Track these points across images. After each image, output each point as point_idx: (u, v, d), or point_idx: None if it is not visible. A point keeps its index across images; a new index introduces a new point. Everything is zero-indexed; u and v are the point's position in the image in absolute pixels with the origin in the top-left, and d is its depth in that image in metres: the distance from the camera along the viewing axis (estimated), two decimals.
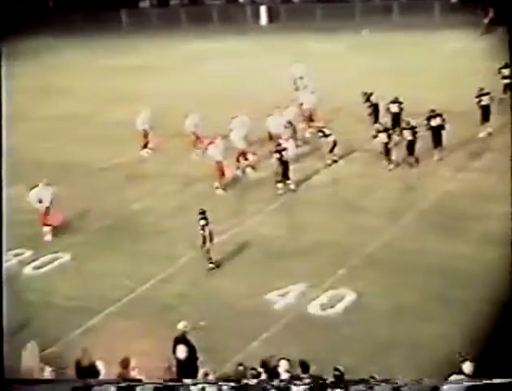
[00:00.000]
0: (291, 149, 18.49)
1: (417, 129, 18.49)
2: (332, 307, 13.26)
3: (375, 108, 20.85)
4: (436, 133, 18.87)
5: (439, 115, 18.85)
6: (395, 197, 17.53)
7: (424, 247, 14.87)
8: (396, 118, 20.31)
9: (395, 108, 20.41)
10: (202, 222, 14.49)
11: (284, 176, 17.87)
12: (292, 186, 18.01)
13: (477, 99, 19.86)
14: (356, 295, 13.46)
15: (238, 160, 19.23)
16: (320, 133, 19.22)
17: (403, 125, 18.95)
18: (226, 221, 16.46)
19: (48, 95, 28.75)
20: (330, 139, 19.04)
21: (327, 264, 14.56)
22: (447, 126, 18.76)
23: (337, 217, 16.63)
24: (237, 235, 16.06)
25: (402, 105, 20.31)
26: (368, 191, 17.79)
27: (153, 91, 26.71)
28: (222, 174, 18.37)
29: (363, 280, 13.88)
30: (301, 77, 23.77)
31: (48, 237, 16.62)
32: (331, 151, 19.14)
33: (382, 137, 18.78)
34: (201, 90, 26.15)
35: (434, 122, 18.82)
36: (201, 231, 14.44)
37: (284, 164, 17.90)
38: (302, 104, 21.45)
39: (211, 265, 14.76)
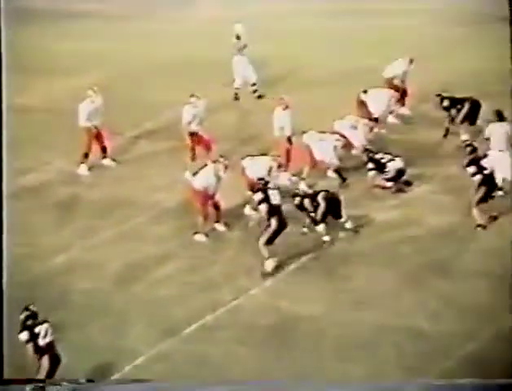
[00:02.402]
0: None
1: None
2: None
3: (452, 104, 21.23)
4: None
5: None
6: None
7: None
8: None
9: None
10: (24, 336, 14.46)
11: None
12: (347, 225, 18.08)
13: None
14: None
15: (252, 189, 19.11)
16: (371, 164, 20.07)
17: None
18: (215, 287, 16.81)
19: None
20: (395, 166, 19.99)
21: (395, 366, 14.80)
22: None
23: (411, 284, 16.71)
24: (237, 312, 16.33)
25: None
26: (461, 241, 17.87)
27: (101, 59, 26.15)
28: (216, 207, 18.59)
29: None
30: (238, 37, 23.90)
31: None
32: (394, 179, 19.93)
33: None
34: (183, 56, 25.58)
35: None
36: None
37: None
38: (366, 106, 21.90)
39: None
